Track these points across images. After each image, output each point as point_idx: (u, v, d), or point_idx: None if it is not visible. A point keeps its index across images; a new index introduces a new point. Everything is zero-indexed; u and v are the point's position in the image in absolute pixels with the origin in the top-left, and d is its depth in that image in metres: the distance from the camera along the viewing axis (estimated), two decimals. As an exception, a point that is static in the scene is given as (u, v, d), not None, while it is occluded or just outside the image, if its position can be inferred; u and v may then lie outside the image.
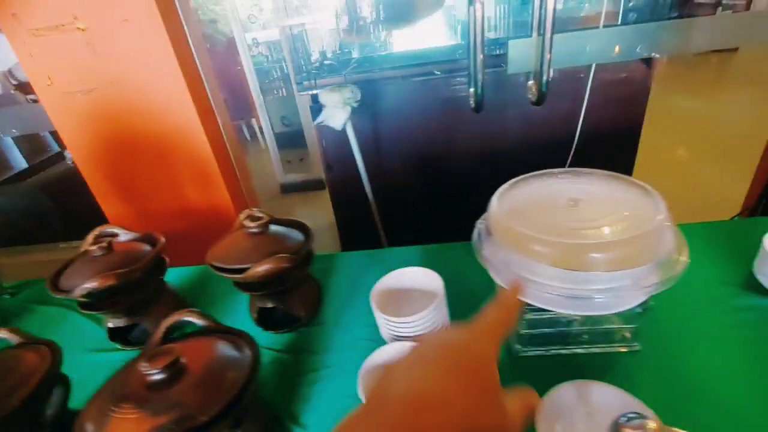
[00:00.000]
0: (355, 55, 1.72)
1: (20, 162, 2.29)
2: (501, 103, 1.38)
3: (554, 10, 1.05)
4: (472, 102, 1.20)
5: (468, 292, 0.72)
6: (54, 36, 1.06)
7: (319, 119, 1.31)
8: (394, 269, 0.68)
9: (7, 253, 1.59)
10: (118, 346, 0.74)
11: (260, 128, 2.61)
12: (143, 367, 0.43)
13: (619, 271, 0.54)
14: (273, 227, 0.71)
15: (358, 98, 1.31)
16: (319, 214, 2.17)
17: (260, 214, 0.72)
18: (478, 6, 1.09)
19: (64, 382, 0.56)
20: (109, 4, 1.02)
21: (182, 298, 0.81)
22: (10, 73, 1.90)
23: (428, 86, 1.51)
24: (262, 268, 0.61)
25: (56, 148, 2.24)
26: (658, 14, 1.46)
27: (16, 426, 0.47)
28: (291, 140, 2.44)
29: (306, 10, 2.04)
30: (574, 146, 1.43)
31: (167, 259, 0.77)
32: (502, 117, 1.41)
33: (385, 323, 0.60)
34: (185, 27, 1.12)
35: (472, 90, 1.20)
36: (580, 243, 0.53)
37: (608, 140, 1.50)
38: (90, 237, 0.73)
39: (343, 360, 0.66)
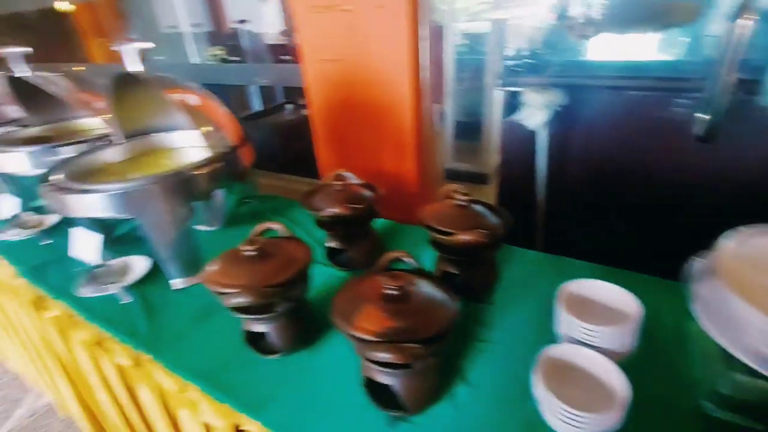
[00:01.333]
0: (561, 56, 1.67)
1: (256, 105, 2.93)
2: (737, 136, 1.18)
3: None
4: (700, 129, 1.07)
5: (659, 330, 0.70)
6: (326, 14, 1.33)
7: (515, 116, 1.35)
8: (571, 278, 0.70)
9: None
10: (329, 264, 0.95)
11: (441, 114, 2.74)
12: (384, 282, 0.57)
13: None
14: (474, 205, 0.80)
15: (561, 103, 1.30)
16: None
17: (464, 191, 0.81)
18: (744, 23, 0.96)
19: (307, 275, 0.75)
20: (371, -9, 1.23)
21: (383, 241, 0.98)
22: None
23: (639, 101, 1.39)
24: (465, 237, 0.70)
25: (279, 100, 2.78)
26: None
27: (287, 293, 0.67)
28: (467, 131, 2.51)
29: (516, 4, 2.03)
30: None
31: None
32: (736, 152, 1.21)
33: (575, 325, 0.63)
34: (420, 16, 1.28)
35: (704, 115, 1.07)
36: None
37: None
38: (333, 174, 0.95)
39: (505, 339, 0.74)
